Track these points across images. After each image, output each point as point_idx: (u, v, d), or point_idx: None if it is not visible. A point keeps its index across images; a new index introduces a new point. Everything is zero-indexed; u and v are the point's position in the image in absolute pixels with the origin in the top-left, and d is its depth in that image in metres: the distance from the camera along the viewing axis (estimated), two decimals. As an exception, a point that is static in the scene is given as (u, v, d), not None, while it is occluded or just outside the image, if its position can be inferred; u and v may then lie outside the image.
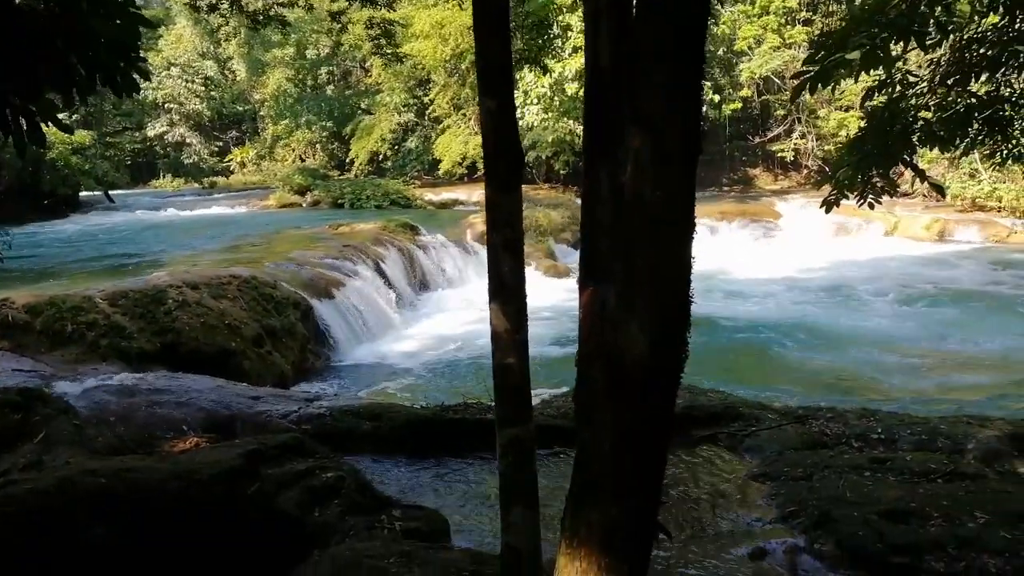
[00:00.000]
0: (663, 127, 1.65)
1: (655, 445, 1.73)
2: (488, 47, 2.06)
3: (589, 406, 1.80)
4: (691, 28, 1.67)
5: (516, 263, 2.15)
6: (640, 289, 1.67)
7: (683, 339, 1.73)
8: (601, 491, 1.71)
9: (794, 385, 9.92)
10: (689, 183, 1.71)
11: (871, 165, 4.33)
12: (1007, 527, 4.54)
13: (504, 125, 2.12)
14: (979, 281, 15.97)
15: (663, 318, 1.68)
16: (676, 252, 1.70)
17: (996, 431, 6.11)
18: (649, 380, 1.67)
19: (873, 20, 3.59)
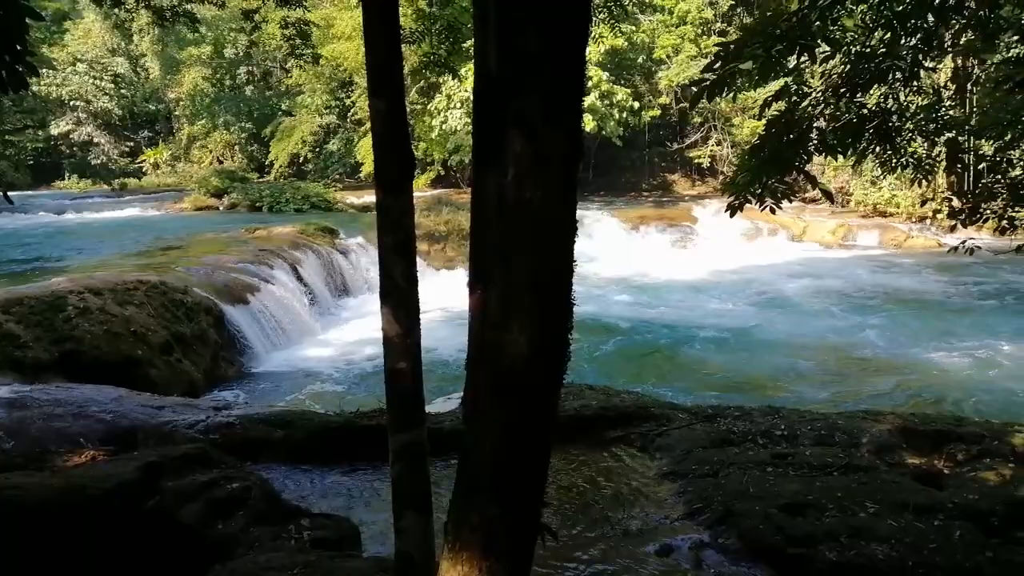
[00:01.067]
0: (543, 131, 1.67)
1: (536, 446, 1.75)
2: (375, 46, 2.04)
3: (475, 409, 1.80)
4: (571, 35, 1.70)
5: (408, 266, 2.14)
6: (520, 291, 1.69)
7: (564, 341, 1.76)
8: (482, 492, 1.72)
9: (706, 385, 10.21)
10: (570, 187, 1.74)
11: (768, 171, 4.49)
12: (894, 516, 4.79)
13: (394, 126, 2.11)
14: (879, 283, 16.79)
15: (543, 320, 1.70)
16: (557, 255, 1.72)
17: (888, 425, 6.43)
18: (530, 382, 1.68)
19: (767, 32, 3.72)
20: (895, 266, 18.51)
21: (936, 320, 13.33)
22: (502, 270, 1.74)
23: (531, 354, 1.67)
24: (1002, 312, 13.67)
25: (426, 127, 27.96)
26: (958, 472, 5.88)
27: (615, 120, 27.05)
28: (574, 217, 1.75)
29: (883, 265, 18.76)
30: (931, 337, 12.06)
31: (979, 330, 12.35)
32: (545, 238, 1.70)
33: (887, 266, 18.58)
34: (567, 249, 1.75)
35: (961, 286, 15.92)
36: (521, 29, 1.73)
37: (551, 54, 1.67)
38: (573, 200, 1.75)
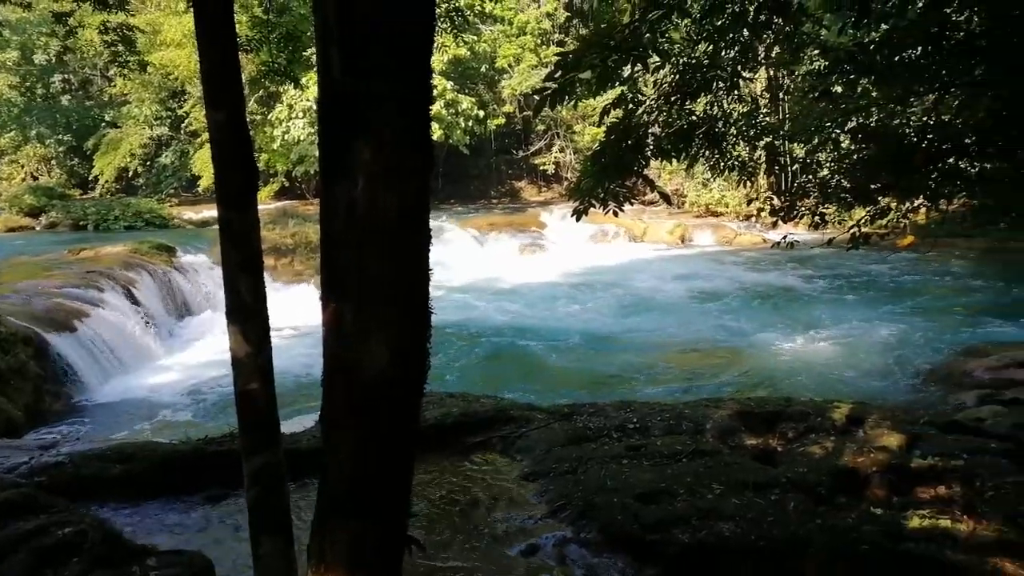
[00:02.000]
0: (393, 141, 1.66)
1: (399, 458, 1.73)
2: (211, 54, 1.95)
3: (333, 424, 1.76)
4: (416, 43, 1.70)
5: (255, 282, 2.05)
6: (377, 302, 1.67)
7: (424, 350, 1.75)
8: (345, 509, 1.68)
9: (562, 384, 10.51)
10: (422, 195, 1.74)
11: (610, 176, 4.70)
12: (737, 494, 5.14)
13: (235, 138, 2.02)
14: (714, 278, 17.99)
15: (401, 330, 1.69)
16: (412, 264, 1.72)
17: (728, 410, 6.89)
18: (390, 394, 1.67)
19: (602, 43, 3.90)
20: (727, 262, 19.90)
21: (766, 310, 14.48)
22: (357, 282, 1.71)
23: (390, 365, 1.66)
24: (822, 301, 15.06)
25: (267, 138, 26.92)
26: (790, 449, 6.40)
27: (461, 129, 27.30)
28: (428, 225, 1.76)
29: (717, 262, 20.12)
30: (763, 326, 13.06)
31: (804, 318, 13.52)
32: (400, 248, 1.69)
33: (720, 262, 19.94)
34: (422, 258, 1.75)
35: (787, 278, 17.38)
36: (366, 38, 1.71)
37: (397, 63, 1.66)
38: (426, 208, 1.75)
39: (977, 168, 5.28)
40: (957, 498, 5.33)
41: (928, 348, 11.13)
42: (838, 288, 16.04)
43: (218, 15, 1.91)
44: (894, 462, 5.75)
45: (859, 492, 5.60)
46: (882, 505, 5.42)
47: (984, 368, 9.35)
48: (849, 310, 14.02)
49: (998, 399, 8.01)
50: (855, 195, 5.02)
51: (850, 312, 13.81)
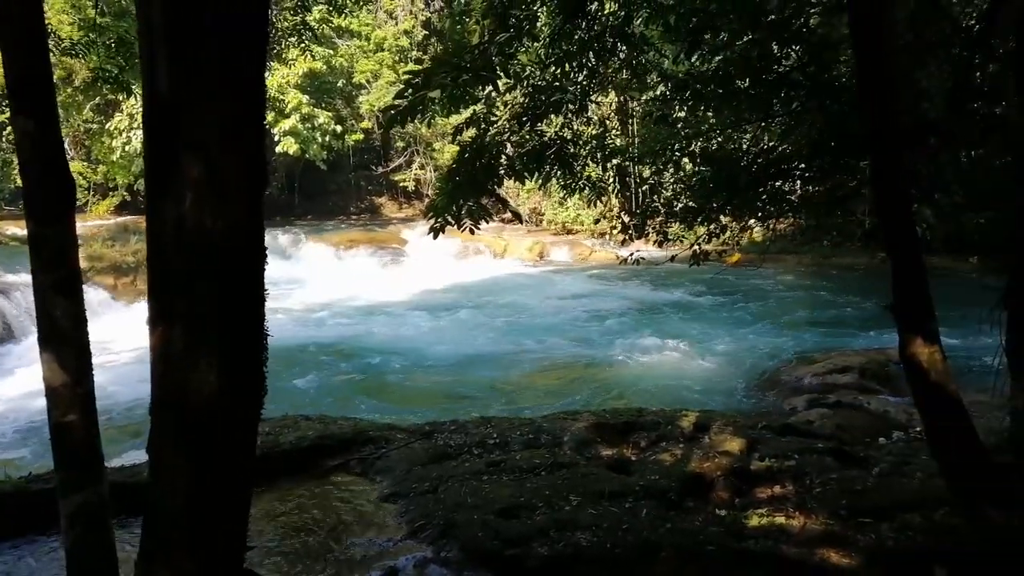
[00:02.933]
0: (221, 156, 1.58)
1: (233, 490, 1.64)
2: (17, 58, 1.78)
3: (160, 455, 1.64)
4: (247, 53, 1.63)
5: (72, 305, 1.89)
6: (207, 325, 1.58)
7: (259, 374, 1.67)
8: (175, 548, 1.56)
9: (424, 402, 10.43)
10: (255, 213, 1.66)
11: (464, 194, 4.73)
12: (593, 504, 5.28)
13: (46, 148, 1.85)
14: (572, 294, 18.52)
15: (235, 354, 1.61)
16: (245, 284, 1.64)
17: (585, 422, 7.09)
18: (222, 421, 1.57)
19: (452, 64, 3.93)
20: (583, 278, 20.54)
21: (620, 324, 15.06)
22: (186, 303, 1.61)
23: (222, 392, 1.57)
24: (671, 314, 15.86)
25: (105, 148, 25.10)
26: (643, 457, 6.65)
27: (318, 143, 26.66)
28: (262, 243, 1.68)
29: (573, 278, 20.73)
30: (617, 339, 13.56)
31: (654, 331, 14.15)
32: (231, 267, 1.60)
33: (577, 279, 20.56)
34: (256, 277, 1.67)
35: (638, 293, 18.18)
36: (193, 47, 1.62)
37: (226, 74, 1.59)
38: (259, 226, 1.68)
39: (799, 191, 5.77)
40: (790, 496, 5.73)
41: (764, 357, 11.96)
42: (685, 302, 16.97)
43: (25, 13, 1.75)
44: (736, 465, 6.11)
45: (705, 495, 5.90)
46: (726, 506, 5.74)
47: (812, 374, 10.16)
48: (694, 323, 14.85)
49: (824, 402, 8.71)
50: (695, 214, 5.33)
51: (696, 325, 14.63)
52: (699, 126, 6.13)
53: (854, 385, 9.41)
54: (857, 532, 5.12)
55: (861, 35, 3.24)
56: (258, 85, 1.65)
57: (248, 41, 1.62)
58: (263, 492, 5.86)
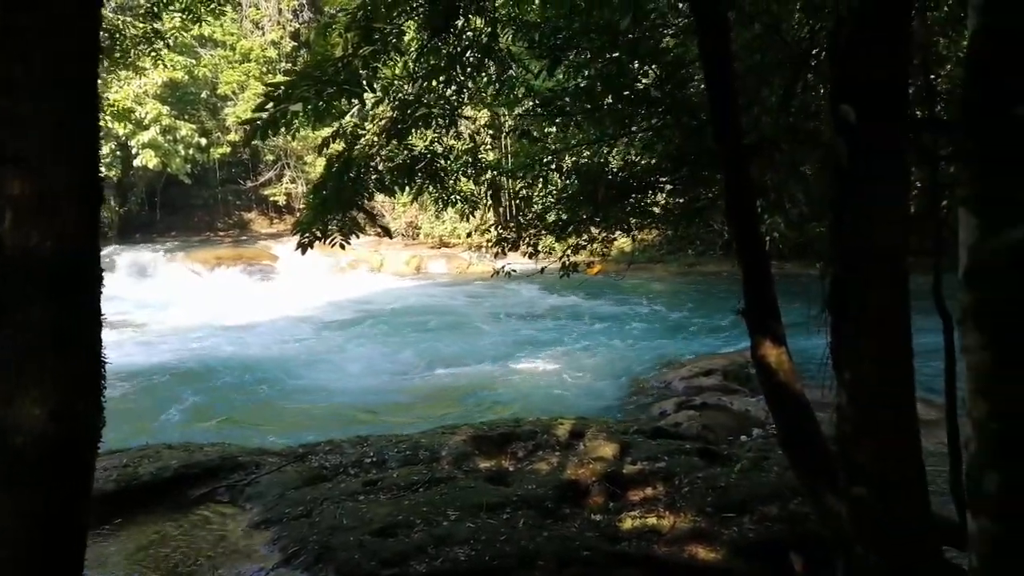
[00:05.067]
0: (48, 171, 1.47)
1: (68, 534, 1.52)
2: None
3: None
4: (75, 55, 1.53)
5: None
6: (34, 354, 1.45)
7: (96, 405, 1.56)
8: (-1, 599, 1.43)
9: (299, 424, 10.09)
10: (89, 231, 1.55)
11: (332, 209, 4.63)
12: (472, 518, 5.28)
13: None
14: (450, 307, 18.52)
15: (67, 384, 1.49)
16: (79, 308, 1.53)
17: (463, 436, 7.08)
18: (53, 460, 1.45)
19: (315, 76, 3.85)
20: (460, 291, 20.60)
21: (498, 335, 15.19)
22: (9, 331, 1.48)
23: (52, 427, 1.45)
24: (547, 325, 16.17)
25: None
26: (520, 467, 6.72)
27: (181, 157, 25.37)
28: (98, 263, 1.58)
29: (451, 291, 20.75)
30: (495, 350, 13.67)
31: (531, 341, 14.39)
32: (60, 290, 1.49)
33: (454, 292, 20.59)
34: (92, 300, 1.56)
35: (515, 305, 18.41)
36: (17, 51, 1.50)
37: (51, 80, 1.48)
38: (94, 246, 1.57)
39: (662, 202, 6.04)
40: (661, 497, 5.96)
41: (636, 363, 12.41)
42: (560, 312, 17.35)
43: None
44: (610, 470, 6.29)
45: (581, 501, 6.04)
46: (601, 511, 5.89)
47: (680, 378, 10.64)
48: (569, 332, 15.20)
49: (691, 405, 9.14)
50: (563, 227, 5.46)
51: (570, 334, 14.99)
52: (568, 141, 6.30)
53: (718, 387, 9.92)
54: (722, 527, 5.39)
55: (708, 58, 3.44)
56: (88, 92, 1.54)
57: (76, 40, 1.52)
58: (120, 529, 5.48)
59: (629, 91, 4.73)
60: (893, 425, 1.98)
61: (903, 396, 2.01)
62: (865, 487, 1.92)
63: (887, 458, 1.91)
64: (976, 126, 1.61)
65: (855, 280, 1.89)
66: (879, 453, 1.91)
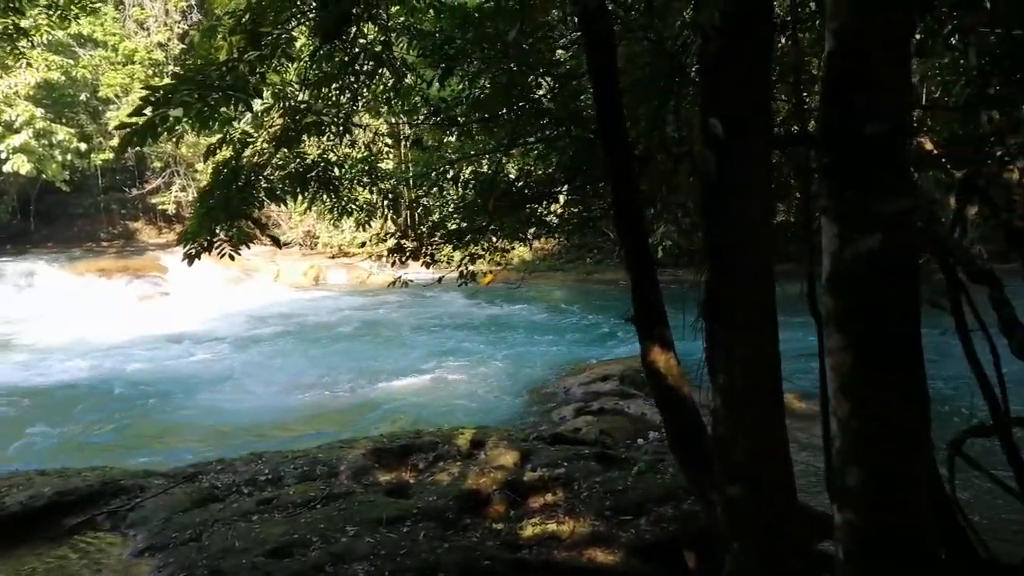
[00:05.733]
0: None
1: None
2: None
3: None
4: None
5: None
6: None
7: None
8: None
9: (189, 442, 9.66)
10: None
11: (219, 218, 4.46)
12: (371, 533, 5.19)
13: None
14: (350, 318, 18.18)
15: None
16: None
17: (362, 449, 6.96)
18: None
19: (198, 81, 3.70)
20: (360, 302, 20.26)
21: (398, 346, 15.02)
22: None
23: None
24: (447, 334, 16.10)
25: None
26: (421, 479, 6.67)
27: (58, 162, 23.86)
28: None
29: (351, 301, 20.37)
30: (396, 362, 13.51)
31: (432, 351, 14.29)
32: None
33: (354, 302, 20.23)
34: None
35: (415, 315, 18.26)
36: None
37: None
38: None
39: (558, 212, 6.14)
40: (561, 503, 6.04)
41: (537, 370, 12.54)
42: (460, 322, 17.32)
43: None
44: (510, 478, 6.32)
45: (482, 511, 6.04)
46: (502, 520, 5.91)
47: (578, 384, 10.82)
48: (470, 341, 15.21)
49: (589, 410, 9.32)
50: (460, 236, 5.46)
51: (471, 343, 14.99)
52: (465, 150, 6.31)
53: (615, 392, 10.15)
54: (619, 530, 5.51)
55: (597, 71, 3.53)
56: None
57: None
58: (-15, 565, 5.08)
59: (524, 102, 4.79)
60: (764, 425, 2.09)
61: (773, 398, 2.12)
62: (740, 486, 2.01)
63: (759, 457, 2.01)
64: (833, 143, 1.72)
65: (726, 287, 1.99)
66: (752, 453, 2.00)
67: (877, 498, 1.73)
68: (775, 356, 2.09)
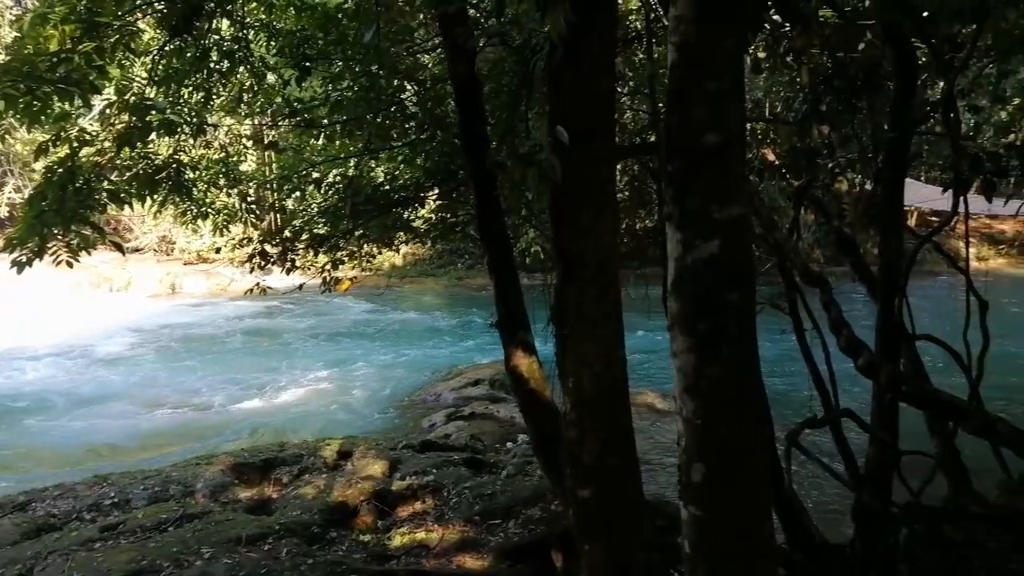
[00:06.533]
0: None
1: None
2: None
3: None
4: None
5: None
6: None
7: None
8: None
9: (23, 467, 8.83)
10: None
11: (52, 223, 4.10)
12: (229, 553, 4.93)
13: None
14: (207, 328, 17.27)
15: None
16: None
17: (221, 465, 6.62)
18: None
19: (24, 72, 3.39)
20: (221, 310, 19.28)
21: (262, 357, 14.40)
22: None
23: None
24: (315, 343, 15.62)
25: None
26: (285, 494, 6.42)
27: None
28: None
29: (210, 310, 19.36)
30: (260, 373, 12.93)
31: (299, 361, 13.82)
32: None
33: (214, 311, 19.23)
34: None
35: (280, 324, 17.62)
36: None
37: None
38: None
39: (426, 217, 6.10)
40: (430, 510, 6.00)
41: (408, 377, 12.40)
42: (328, 330, 16.85)
43: None
44: (379, 488, 6.21)
45: (350, 523, 5.90)
46: (370, 531, 5.79)
47: (450, 389, 10.80)
48: (340, 349, 14.84)
49: (460, 415, 9.31)
50: (323, 241, 5.31)
51: (341, 351, 14.63)
52: (329, 153, 6.15)
53: (485, 396, 10.21)
54: (488, 534, 5.54)
55: (457, 79, 3.53)
56: None
57: None
58: None
59: (389, 106, 4.72)
60: (612, 427, 2.15)
61: (619, 400, 2.18)
62: (590, 488, 2.06)
63: (607, 457, 2.07)
64: (675, 151, 1.79)
65: (573, 292, 2.03)
66: (600, 454, 2.05)
67: (719, 492, 1.82)
68: (621, 359, 2.15)
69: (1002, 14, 3.68)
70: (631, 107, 5.98)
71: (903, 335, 3.80)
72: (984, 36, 3.66)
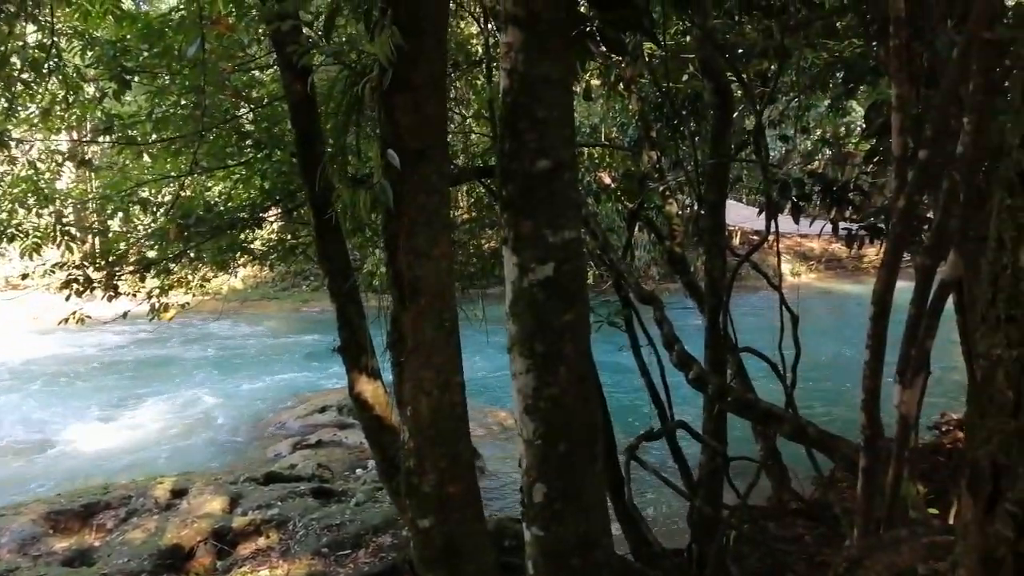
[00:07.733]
0: None
1: None
2: None
3: None
4: None
5: None
6: None
7: None
8: None
9: None
10: None
11: None
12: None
13: None
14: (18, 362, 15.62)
15: None
16: None
17: (32, 514, 5.98)
18: None
19: None
20: (36, 342, 17.48)
21: (80, 393, 13.15)
22: None
23: None
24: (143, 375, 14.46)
25: None
26: (109, 540, 5.89)
27: None
28: None
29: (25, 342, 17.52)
30: (78, 410, 11.81)
31: (125, 394, 12.75)
32: None
33: (26, 343, 17.39)
34: None
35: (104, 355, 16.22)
36: None
37: None
38: None
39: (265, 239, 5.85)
40: (275, 546, 5.71)
41: (250, 406, 11.78)
42: (161, 359, 15.72)
43: None
44: (218, 526, 5.85)
45: (185, 566, 5.50)
46: (208, 573, 5.43)
47: (295, 417, 10.38)
48: (175, 379, 13.87)
49: (306, 444, 8.97)
50: (150, 266, 4.96)
51: (176, 381, 13.68)
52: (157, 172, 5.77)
53: (333, 422, 9.90)
54: (338, 565, 5.35)
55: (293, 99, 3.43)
56: None
57: None
58: None
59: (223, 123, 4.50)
60: (451, 455, 2.13)
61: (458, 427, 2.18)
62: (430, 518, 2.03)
63: (447, 485, 2.05)
64: (508, 176, 1.82)
65: (408, 317, 2.01)
66: (440, 482, 2.03)
67: (559, 512, 1.85)
68: (459, 384, 2.15)
69: (802, 54, 4.07)
70: (474, 130, 6.06)
71: (728, 348, 4.08)
72: (787, 73, 4.03)
